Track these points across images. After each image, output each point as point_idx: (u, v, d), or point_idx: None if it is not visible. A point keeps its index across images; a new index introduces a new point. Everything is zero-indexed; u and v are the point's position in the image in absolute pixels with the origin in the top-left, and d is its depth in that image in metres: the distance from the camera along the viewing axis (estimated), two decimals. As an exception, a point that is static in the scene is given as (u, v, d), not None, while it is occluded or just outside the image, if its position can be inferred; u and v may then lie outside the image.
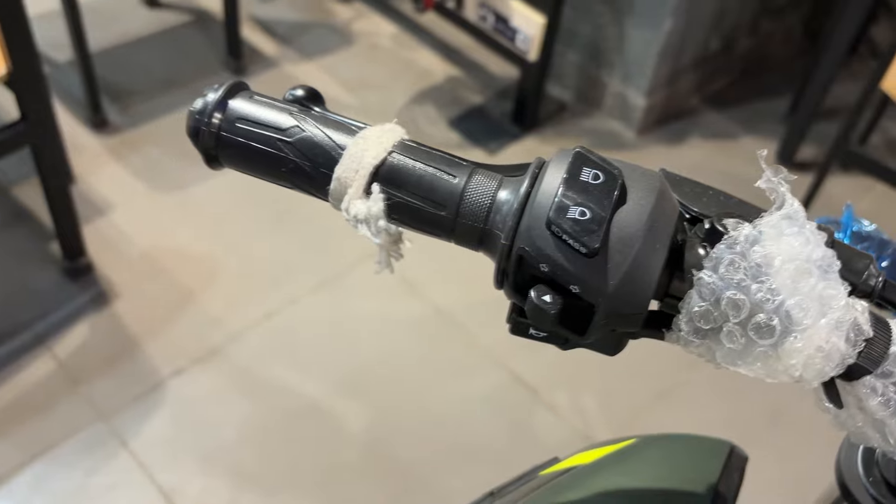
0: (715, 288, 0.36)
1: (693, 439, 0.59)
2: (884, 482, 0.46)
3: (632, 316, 0.38)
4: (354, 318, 1.74)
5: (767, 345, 0.36)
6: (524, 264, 0.38)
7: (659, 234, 0.37)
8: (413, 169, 0.41)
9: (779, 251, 0.36)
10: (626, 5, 2.05)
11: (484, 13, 2.03)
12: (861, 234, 0.50)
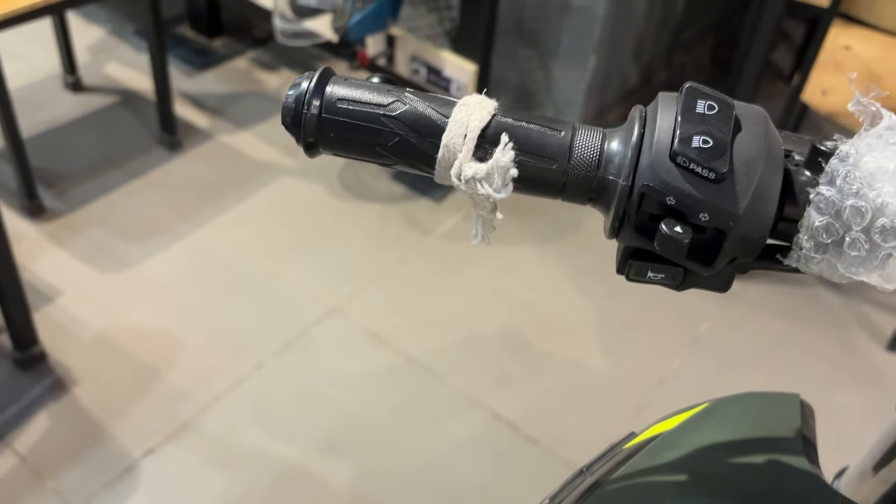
0: (835, 200, 0.38)
1: (766, 395, 0.61)
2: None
3: (757, 240, 0.39)
4: (324, 376, 1.72)
5: (893, 246, 0.38)
6: (646, 201, 0.39)
7: (775, 158, 0.39)
8: (519, 127, 0.42)
9: (889, 158, 0.38)
10: (550, 49, 2.13)
11: (416, 66, 2.09)
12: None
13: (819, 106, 1.76)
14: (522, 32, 2.16)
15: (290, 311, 1.83)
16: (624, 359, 1.80)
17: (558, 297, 1.92)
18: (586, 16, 2.02)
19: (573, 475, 0.57)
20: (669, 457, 0.54)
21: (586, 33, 2.05)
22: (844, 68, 1.85)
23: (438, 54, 2.03)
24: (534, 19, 2.11)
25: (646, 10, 2.21)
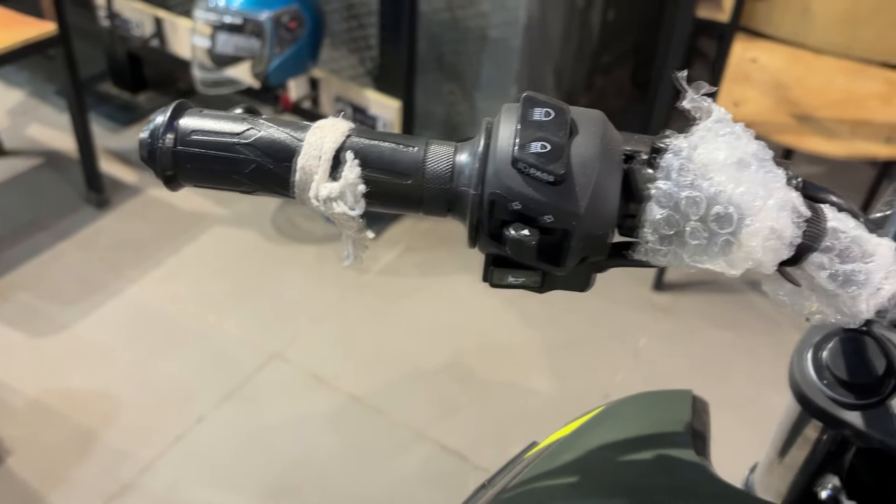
0: (672, 193, 0.40)
1: (658, 393, 0.62)
2: (837, 381, 0.50)
3: (603, 237, 0.41)
4: (267, 423, 1.70)
5: (728, 233, 0.40)
6: (496, 209, 0.40)
7: (612, 157, 0.41)
8: (373, 146, 0.43)
9: (718, 149, 0.41)
10: (472, 81, 2.17)
11: (341, 107, 2.10)
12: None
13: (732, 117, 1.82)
14: (444, 67, 2.19)
15: (230, 360, 1.81)
16: (567, 378, 1.81)
17: (499, 323, 1.93)
18: (503, 48, 2.06)
19: (475, 490, 0.58)
20: (563, 460, 0.55)
21: (505, 64, 2.09)
22: (754, 80, 1.92)
23: (362, 93, 2.05)
24: (454, 54, 2.15)
25: (562, 38, 2.27)
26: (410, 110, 2.05)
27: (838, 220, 0.42)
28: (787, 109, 1.84)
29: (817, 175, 2.48)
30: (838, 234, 0.42)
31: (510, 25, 2.02)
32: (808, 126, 1.79)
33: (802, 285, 0.44)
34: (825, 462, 0.55)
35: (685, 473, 0.52)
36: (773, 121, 1.81)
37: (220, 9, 1.79)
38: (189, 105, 0.45)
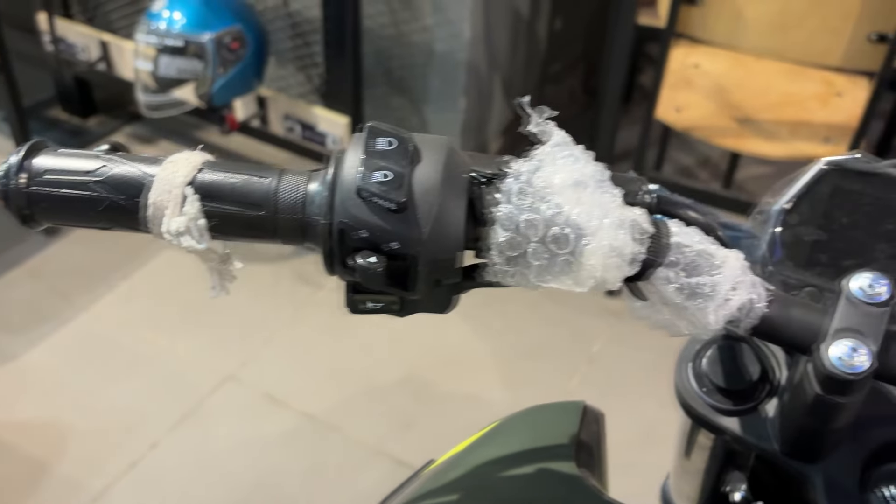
0: (512, 215, 0.41)
1: (549, 406, 0.63)
2: (715, 388, 0.51)
3: (449, 261, 0.42)
4: (222, 446, 1.69)
5: (567, 252, 0.41)
6: (345, 237, 0.41)
7: (456, 183, 0.42)
8: (225, 179, 0.43)
9: (556, 172, 0.42)
10: (420, 95, 2.18)
11: (290, 125, 2.10)
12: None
13: (675, 122, 1.85)
14: (392, 81, 2.20)
15: (183, 384, 1.79)
16: (523, 387, 1.82)
17: (455, 336, 1.94)
18: (449, 61, 2.08)
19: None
20: (450, 478, 0.55)
21: (452, 77, 2.11)
22: (696, 85, 1.95)
23: (310, 111, 2.05)
24: (401, 68, 2.16)
25: (508, 49, 2.29)
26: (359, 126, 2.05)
27: (684, 235, 0.43)
28: (729, 113, 1.87)
29: (768, 175, 2.52)
30: (682, 248, 0.43)
31: (454, 39, 2.04)
32: (748, 129, 1.82)
33: (650, 299, 0.44)
34: (725, 465, 0.56)
35: (563, 486, 0.53)
36: (714, 125, 1.84)
37: (162, 31, 1.78)
38: (45, 144, 0.46)
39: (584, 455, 0.56)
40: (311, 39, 2.02)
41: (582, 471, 0.54)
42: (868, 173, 0.51)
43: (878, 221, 0.50)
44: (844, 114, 1.78)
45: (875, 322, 0.41)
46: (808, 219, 0.51)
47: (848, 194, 0.51)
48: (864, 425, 0.48)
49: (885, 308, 0.41)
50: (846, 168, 0.51)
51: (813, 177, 0.51)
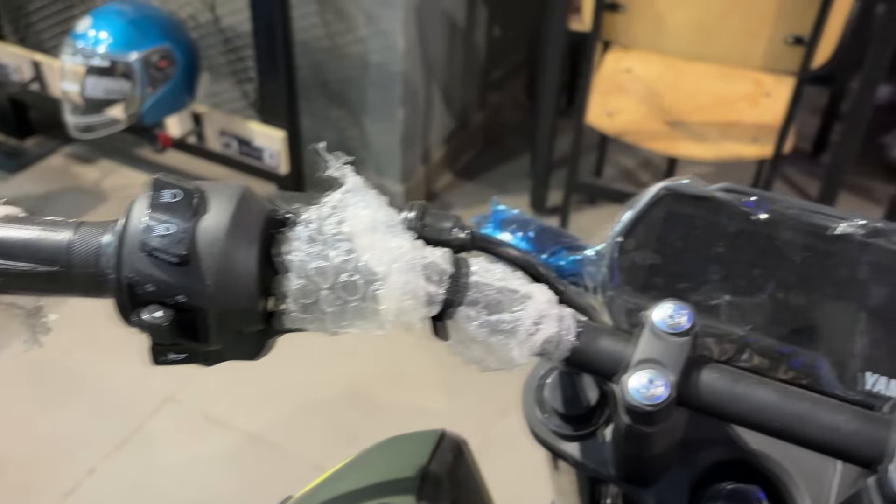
0: (303, 263, 0.41)
1: (403, 437, 0.63)
2: (555, 413, 0.52)
3: (243, 311, 0.41)
4: (162, 470, 1.67)
5: (357, 299, 0.41)
6: (134, 292, 0.41)
7: (247, 231, 0.41)
8: (17, 236, 0.43)
9: (347, 219, 0.42)
10: (359, 106, 2.18)
11: (227, 140, 2.09)
12: (507, 220, 0.58)
13: (607, 128, 1.86)
14: (330, 93, 2.20)
15: (121, 407, 1.77)
16: (464, 397, 1.82)
17: (397, 347, 1.93)
18: (384, 72, 2.08)
19: None
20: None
21: (388, 88, 2.11)
22: (628, 90, 1.97)
23: (246, 126, 2.04)
24: (338, 80, 2.16)
25: (446, 58, 2.29)
26: (296, 139, 2.05)
27: (485, 273, 0.44)
28: (660, 117, 1.89)
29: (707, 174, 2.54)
30: (482, 286, 0.43)
31: (388, 50, 2.04)
32: (679, 132, 1.84)
33: (458, 337, 0.45)
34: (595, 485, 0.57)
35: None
36: (646, 129, 1.86)
37: (88, 51, 1.76)
38: None
39: (429, 488, 0.57)
40: (244, 54, 2.01)
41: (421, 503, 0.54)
42: (699, 197, 0.51)
43: (709, 244, 0.51)
44: (773, 113, 1.81)
45: (675, 352, 0.41)
46: (643, 243, 0.52)
47: (681, 218, 0.51)
48: (693, 447, 0.48)
49: (685, 338, 0.42)
50: (679, 192, 0.51)
51: (648, 202, 0.52)
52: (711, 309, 0.50)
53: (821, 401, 0.41)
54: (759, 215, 0.50)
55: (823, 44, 1.59)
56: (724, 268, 0.50)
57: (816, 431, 0.40)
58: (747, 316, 0.50)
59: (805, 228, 0.49)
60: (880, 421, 0.40)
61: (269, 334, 0.44)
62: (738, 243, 0.50)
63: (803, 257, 0.49)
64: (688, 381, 0.41)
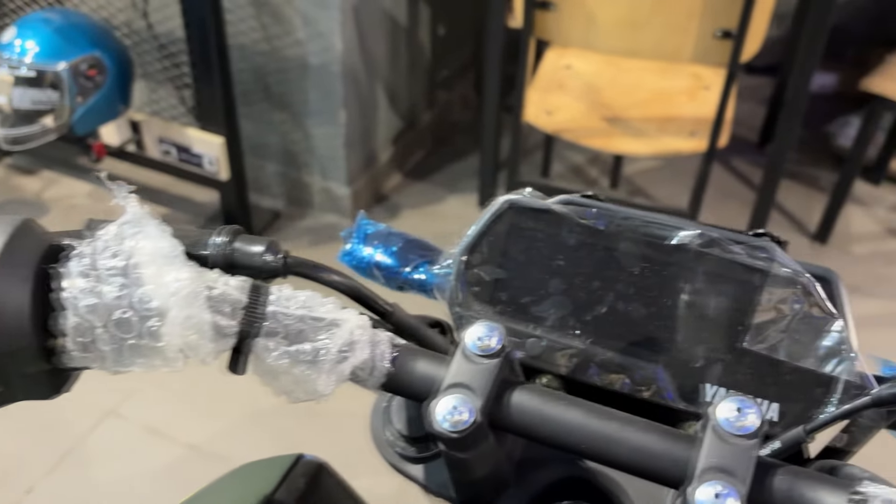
0: (76, 300, 0.39)
1: (254, 464, 0.62)
2: (401, 436, 0.51)
3: (18, 353, 0.40)
4: (102, 485, 1.64)
5: (134, 337, 0.39)
6: None
7: (17, 269, 0.39)
8: None
9: (123, 252, 0.40)
10: (300, 109, 2.16)
11: (166, 148, 2.06)
12: (372, 234, 0.57)
13: (545, 126, 1.86)
14: (272, 97, 2.17)
15: (60, 424, 1.74)
16: (411, 401, 1.81)
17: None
18: (324, 73, 2.06)
19: None
20: None
21: (330, 90, 2.09)
22: (567, 87, 1.97)
23: (184, 133, 2.01)
24: (279, 83, 2.14)
25: (388, 58, 2.27)
26: (236, 145, 2.02)
27: (286, 301, 0.42)
28: (599, 113, 1.89)
29: (656, 168, 2.56)
30: (280, 315, 0.42)
31: (327, 52, 2.02)
32: (617, 128, 1.84)
33: (259, 369, 0.43)
34: None
35: None
36: (584, 126, 1.86)
37: (14, 62, 1.72)
38: None
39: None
40: (180, 60, 1.98)
41: None
42: (539, 210, 0.51)
43: (551, 258, 0.50)
44: (711, 107, 1.82)
45: (484, 375, 0.41)
46: (488, 258, 0.51)
47: (523, 231, 0.51)
48: (530, 467, 0.48)
49: (495, 360, 0.41)
50: (521, 206, 0.51)
51: (491, 216, 0.51)
52: (554, 323, 0.50)
53: (631, 421, 0.40)
54: (598, 227, 0.49)
55: (751, 36, 1.59)
56: (566, 281, 0.50)
57: (625, 452, 0.39)
58: (588, 329, 0.49)
59: (643, 239, 0.49)
60: (686, 440, 0.39)
61: (59, 373, 0.43)
62: (578, 256, 0.50)
63: (641, 268, 0.49)
64: (498, 404, 0.41)
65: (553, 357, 0.49)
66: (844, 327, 0.46)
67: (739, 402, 0.37)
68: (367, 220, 0.58)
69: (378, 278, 0.56)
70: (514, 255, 0.51)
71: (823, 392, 0.46)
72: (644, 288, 0.49)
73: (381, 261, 0.55)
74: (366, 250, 0.56)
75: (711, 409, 0.38)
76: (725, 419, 0.37)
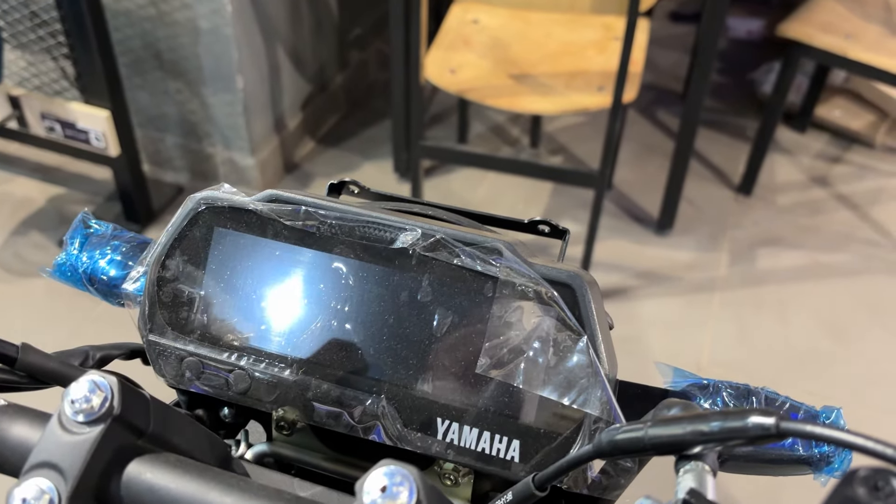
0: None
1: None
2: None
3: None
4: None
5: None
6: None
7: None
8: None
9: None
10: (195, 76, 2.03)
11: (49, 124, 1.92)
12: (96, 236, 0.48)
13: (448, 85, 1.76)
14: (165, 64, 2.04)
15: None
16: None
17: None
18: (217, 37, 1.93)
19: None
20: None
21: (224, 55, 1.96)
22: (473, 43, 1.87)
23: (67, 107, 1.87)
24: (171, 49, 2.00)
25: (289, 18, 2.14)
26: (125, 117, 1.89)
27: None
28: (505, 70, 1.80)
29: (577, 125, 2.48)
30: None
31: (217, 14, 1.89)
32: (524, 85, 1.75)
33: None
34: None
35: None
36: (489, 84, 1.76)
37: None
38: None
39: None
40: (55, 29, 1.83)
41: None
42: (241, 210, 0.41)
43: (256, 269, 0.41)
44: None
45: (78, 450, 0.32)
46: (184, 270, 0.42)
47: (223, 237, 0.41)
48: None
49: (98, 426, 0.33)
50: (218, 206, 0.41)
51: (184, 219, 0.42)
52: (261, 350, 0.41)
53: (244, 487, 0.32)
54: (308, 230, 0.40)
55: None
56: (274, 298, 0.41)
57: None
58: (300, 356, 0.41)
59: (360, 244, 0.40)
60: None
61: None
62: (286, 267, 0.41)
63: (359, 279, 0.40)
64: (101, 485, 0.32)
65: (262, 392, 0.41)
66: (590, 345, 0.38)
67: (390, 474, 0.29)
68: (92, 218, 0.48)
69: (94, 292, 0.46)
70: (214, 267, 0.41)
71: (571, 425, 0.38)
72: (363, 303, 0.40)
73: (100, 269, 0.46)
74: (83, 258, 0.46)
75: (359, 483, 0.29)
76: (371, 501, 0.29)
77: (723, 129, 2.50)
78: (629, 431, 0.31)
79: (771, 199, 2.26)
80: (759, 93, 2.59)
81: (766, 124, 2.15)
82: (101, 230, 0.48)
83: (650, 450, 0.31)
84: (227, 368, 0.41)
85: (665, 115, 2.55)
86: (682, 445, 0.30)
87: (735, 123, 2.53)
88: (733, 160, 2.37)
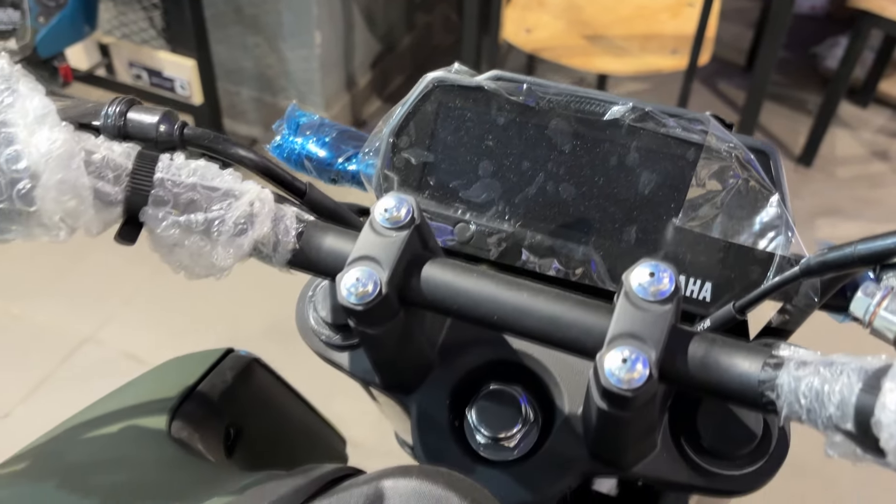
0: None
1: (183, 357, 0.61)
2: (326, 324, 0.49)
3: None
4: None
5: (3, 201, 0.37)
6: None
7: None
8: None
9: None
10: (275, 31, 2.10)
11: (137, 72, 2.00)
12: (305, 125, 0.55)
13: (524, 44, 1.81)
14: (245, 19, 2.11)
15: (37, 351, 1.73)
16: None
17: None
18: (297, -8, 1.99)
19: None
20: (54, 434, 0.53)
21: (304, 11, 2.02)
22: (547, 4, 1.91)
23: (154, 56, 1.95)
24: (252, 4, 2.07)
25: (366, -23, 2.20)
26: (209, 68, 1.97)
27: (178, 170, 0.40)
28: (580, 31, 1.84)
29: (642, 91, 2.51)
30: (167, 184, 0.40)
31: (300, -30, 1.95)
32: (598, 46, 1.80)
33: (156, 242, 0.41)
34: None
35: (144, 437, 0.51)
36: (564, 44, 1.81)
37: (-29, -20, 1.66)
38: None
39: (192, 407, 0.54)
40: (147, -21, 1.91)
41: (178, 425, 0.52)
42: (469, 87, 0.48)
43: (480, 138, 0.48)
44: (693, 24, 1.77)
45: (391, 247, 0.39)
46: (416, 140, 0.49)
47: (452, 111, 0.48)
48: (453, 351, 0.46)
49: (403, 232, 0.39)
50: (448, 84, 0.48)
51: (418, 96, 0.48)
52: (483, 206, 0.48)
53: (544, 291, 0.38)
54: (528, 104, 0.47)
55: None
56: (495, 162, 0.48)
57: (538, 322, 0.37)
58: (518, 211, 0.47)
59: (574, 116, 0.46)
60: (602, 310, 0.37)
61: None
62: (507, 136, 0.47)
63: (573, 146, 0.46)
64: (407, 277, 0.39)
65: (482, 242, 0.47)
66: (781, 202, 0.44)
67: (653, 266, 0.36)
68: (299, 110, 0.55)
69: (310, 170, 0.53)
70: (442, 137, 0.48)
71: (758, 269, 0.44)
72: (575, 167, 0.46)
73: (312, 152, 0.53)
74: (297, 141, 0.53)
75: (625, 275, 0.36)
76: (639, 285, 0.35)
77: (784, 101, 2.52)
78: (838, 250, 0.38)
79: (831, 170, 2.28)
80: (821, 67, 2.60)
81: (830, 97, 2.17)
82: (311, 119, 0.54)
83: (857, 262, 0.37)
84: (454, 220, 0.48)
85: (727, 86, 2.57)
86: (887, 254, 0.37)
87: (796, 97, 2.54)
88: (794, 133, 2.40)
